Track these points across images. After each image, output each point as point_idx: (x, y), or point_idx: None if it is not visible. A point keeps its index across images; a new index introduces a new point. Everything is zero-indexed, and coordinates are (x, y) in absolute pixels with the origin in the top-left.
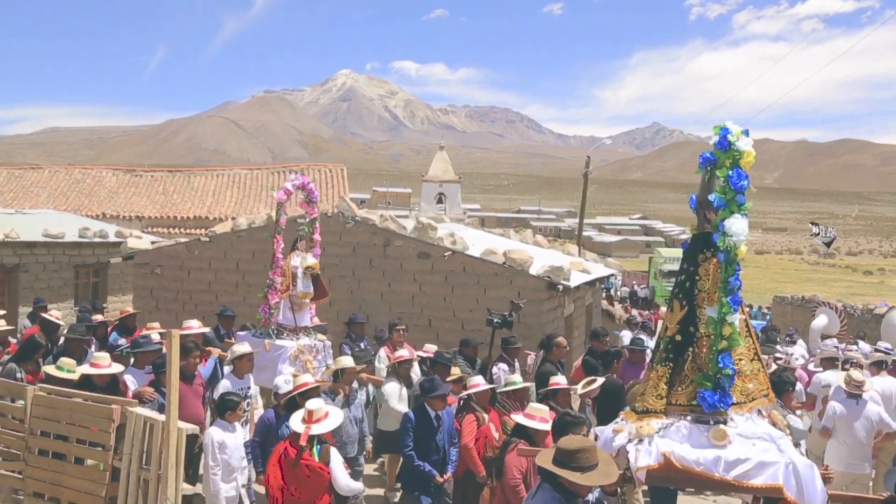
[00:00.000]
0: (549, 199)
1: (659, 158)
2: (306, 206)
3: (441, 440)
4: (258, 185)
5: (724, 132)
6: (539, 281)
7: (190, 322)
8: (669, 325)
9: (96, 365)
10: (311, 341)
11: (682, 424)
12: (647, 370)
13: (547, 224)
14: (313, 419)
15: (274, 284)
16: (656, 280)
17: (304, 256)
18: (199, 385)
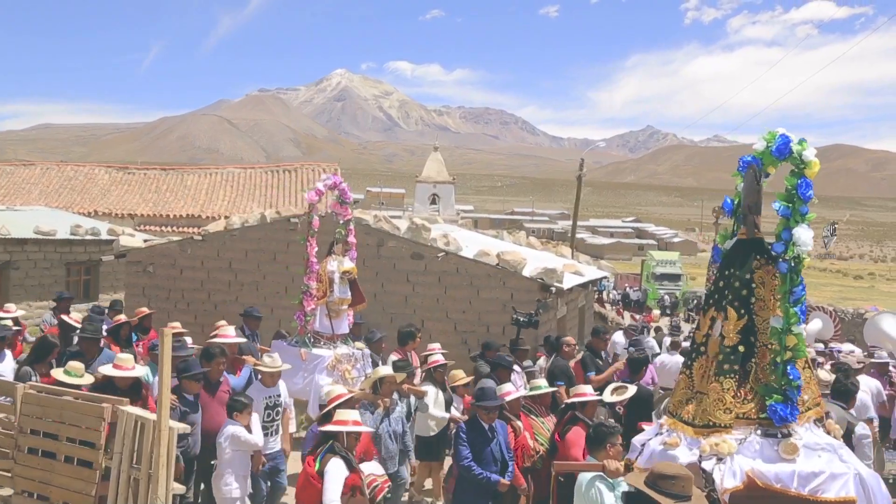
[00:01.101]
0: (542, 200)
1: (652, 161)
2: (339, 206)
3: (497, 450)
4: (251, 184)
5: (785, 140)
6: (532, 283)
7: (227, 329)
8: (727, 334)
9: (119, 367)
10: (350, 350)
11: (753, 439)
12: (690, 380)
13: (540, 226)
14: (335, 420)
15: (309, 290)
16: (648, 283)
17: (340, 260)
18: (223, 392)
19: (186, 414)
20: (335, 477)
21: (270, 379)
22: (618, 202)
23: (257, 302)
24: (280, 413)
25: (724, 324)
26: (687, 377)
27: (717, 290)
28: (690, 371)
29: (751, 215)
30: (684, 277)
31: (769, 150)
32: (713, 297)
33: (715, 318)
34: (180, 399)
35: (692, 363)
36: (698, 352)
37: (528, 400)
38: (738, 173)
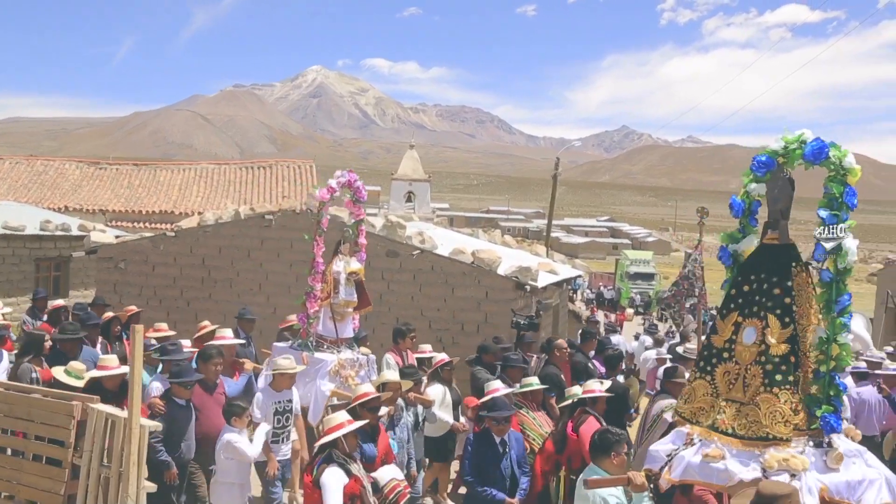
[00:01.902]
0: (517, 199)
1: (627, 161)
2: (352, 206)
3: (507, 467)
4: (225, 180)
5: (821, 144)
6: (507, 281)
7: (224, 331)
8: (773, 342)
9: (105, 367)
10: (354, 355)
11: (809, 452)
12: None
13: (515, 224)
14: (325, 431)
15: (313, 291)
16: (622, 282)
17: (347, 261)
18: (220, 394)
19: (176, 420)
20: (333, 486)
21: (285, 381)
22: (593, 201)
23: (230, 299)
24: (291, 419)
25: (767, 331)
26: (708, 383)
27: (740, 294)
28: (712, 377)
29: (783, 220)
30: (658, 277)
31: (795, 153)
32: (735, 301)
33: (740, 323)
34: (169, 403)
35: (712, 369)
36: (720, 357)
37: (520, 396)
38: (751, 172)
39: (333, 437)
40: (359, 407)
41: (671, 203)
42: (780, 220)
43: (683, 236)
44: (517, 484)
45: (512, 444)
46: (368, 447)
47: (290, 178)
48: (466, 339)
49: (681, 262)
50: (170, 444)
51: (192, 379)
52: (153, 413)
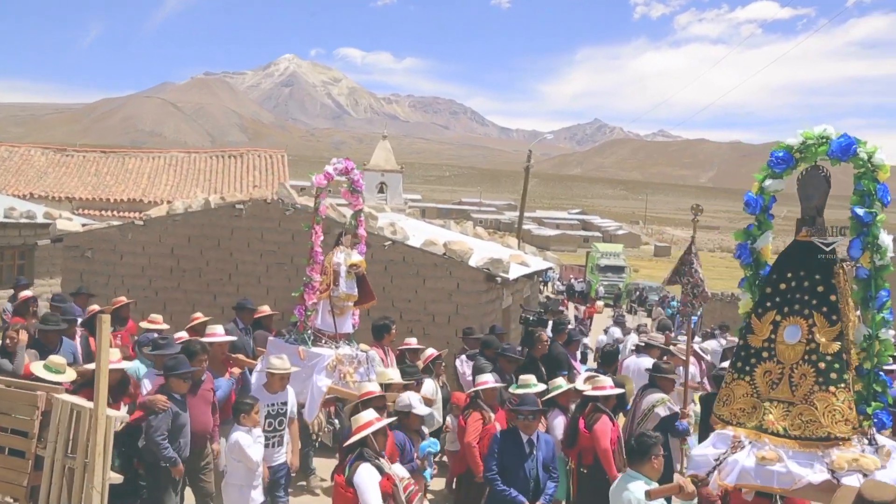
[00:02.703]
0: (490, 191)
1: (599, 154)
2: (350, 195)
3: (531, 469)
4: (196, 169)
5: (850, 140)
6: (478, 273)
7: (214, 328)
8: (822, 341)
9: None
10: (353, 351)
11: (868, 450)
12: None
13: (487, 216)
14: (354, 430)
15: (312, 283)
16: (593, 274)
17: (348, 253)
18: (207, 391)
19: (178, 415)
20: (370, 483)
21: (278, 383)
22: (564, 194)
23: (200, 289)
24: (284, 423)
25: (815, 330)
26: (747, 384)
27: (777, 292)
28: (752, 378)
29: (820, 217)
30: (628, 270)
31: (818, 149)
32: (771, 299)
33: (779, 322)
34: (170, 398)
35: (752, 369)
36: (759, 357)
37: (515, 395)
38: (768, 168)
39: (363, 435)
40: (362, 405)
41: (642, 196)
42: (816, 218)
43: (654, 229)
44: (541, 487)
45: (540, 445)
46: None
47: (262, 168)
48: (437, 331)
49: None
50: (171, 441)
51: (188, 370)
52: (156, 410)
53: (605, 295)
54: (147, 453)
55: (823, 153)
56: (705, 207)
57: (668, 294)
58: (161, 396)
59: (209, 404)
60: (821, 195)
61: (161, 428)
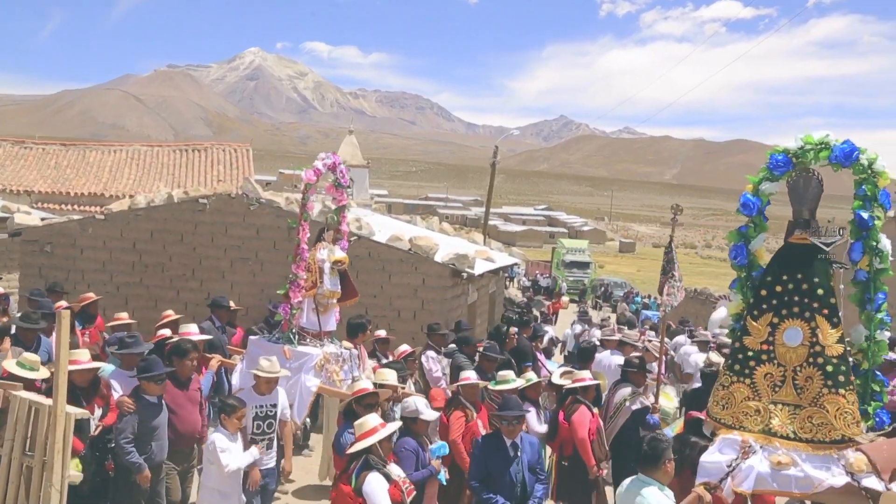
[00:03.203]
0: (456, 187)
1: (565, 151)
2: (334, 190)
3: (517, 472)
4: (159, 163)
5: (852, 147)
6: (444, 268)
7: (188, 327)
8: (827, 343)
9: (75, 361)
10: (338, 349)
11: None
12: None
13: (454, 212)
14: (358, 436)
15: (297, 280)
16: (558, 270)
17: (331, 249)
18: (195, 391)
19: (148, 420)
20: (381, 493)
21: (265, 385)
22: (530, 190)
23: (162, 284)
24: (274, 426)
25: (818, 332)
26: (747, 387)
27: (773, 295)
28: (752, 380)
29: (814, 220)
30: (593, 265)
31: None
32: (766, 301)
33: (777, 324)
34: (139, 401)
35: (751, 372)
36: (758, 359)
37: (496, 393)
38: (767, 171)
39: (369, 442)
40: (354, 403)
41: (607, 193)
42: (811, 221)
43: (619, 226)
44: (528, 490)
45: (524, 447)
46: None
47: (226, 162)
48: (403, 326)
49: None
50: (139, 445)
51: (161, 373)
52: (121, 413)
53: (570, 290)
54: (117, 455)
55: (824, 158)
56: (670, 204)
57: (632, 290)
58: (128, 400)
59: (197, 404)
60: (814, 199)
61: (125, 431)
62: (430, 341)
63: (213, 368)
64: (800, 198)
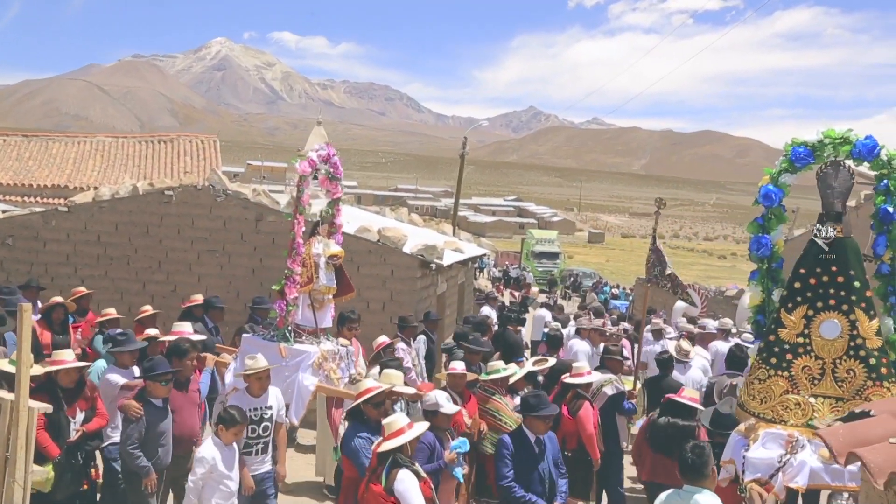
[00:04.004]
0: (426, 178)
1: (534, 142)
2: (328, 183)
3: (545, 469)
4: (124, 154)
5: (874, 143)
6: (412, 259)
7: (181, 326)
8: (868, 335)
9: (59, 361)
10: (334, 346)
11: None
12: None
13: (424, 203)
14: (386, 435)
15: (293, 276)
16: (528, 261)
17: (326, 243)
18: (194, 392)
19: (154, 424)
20: (413, 490)
21: (257, 384)
22: (500, 181)
23: (128, 277)
24: (269, 429)
25: (858, 325)
26: (786, 380)
27: (807, 287)
28: (790, 373)
29: (846, 215)
30: (562, 256)
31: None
32: (801, 294)
33: (811, 317)
34: (146, 406)
35: (788, 365)
36: (795, 352)
37: (489, 382)
38: (790, 163)
39: (399, 442)
40: (363, 403)
41: (576, 184)
42: (842, 214)
43: (588, 216)
44: (556, 489)
45: (547, 443)
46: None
47: (193, 153)
48: (372, 318)
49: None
50: (145, 451)
51: (169, 372)
52: (128, 417)
53: (538, 281)
54: (122, 460)
55: (845, 153)
56: (638, 195)
57: (601, 280)
58: (135, 404)
59: (195, 406)
60: (847, 191)
61: (132, 437)
62: (401, 334)
63: (209, 366)
64: (832, 189)
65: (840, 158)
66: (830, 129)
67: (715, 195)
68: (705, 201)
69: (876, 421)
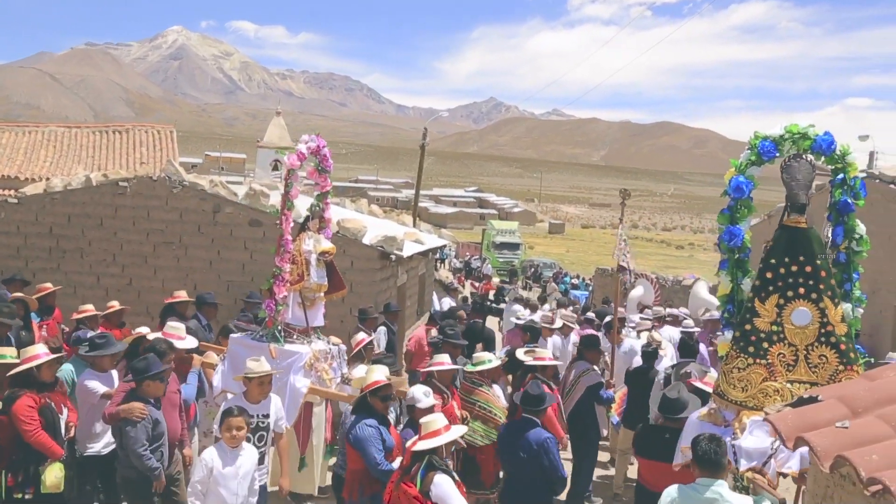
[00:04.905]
0: (387, 169)
1: (495, 133)
2: (317, 175)
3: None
4: (77, 144)
5: (832, 139)
6: (372, 250)
7: (175, 328)
8: (836, 323)
9: (34, 357)
10: (326, 346)
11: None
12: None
13: (384, 194)
14: (423, 435)
15: (282, 274)
16: (489, 252)
17: (317, 239)
18: (174, 393)
19: (157, 422)
20: (453, 493)
21: (257, 390)
22: (461, 172)
23: (81, 270)
24: (265, 439)
25: (828, 313)
26: (764, 367)
27: (777, 276)
28: (767, 360)
29: (808, 205)
30: (523, 246)
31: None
32: (773, 283)
33: (783, 305)
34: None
35: (765, 352)
36: (770, 340)
37: (476, 373)
38: (758, 156)
39: (436, 443)
40: (370, 395)
41: (536, 175)
42: (806, 205)
43: (548, 207)
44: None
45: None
46: (387, 435)
47: (149, 144)
48: (332, 310)
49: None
50: (152, 452)
51: (162, 371)
52: (132, 422)
53: (500, 272)
54: (124, 468)
55: (807, 147)
56: (598, 186)
57: (561, 270)
58: (137, 404)
59: (176, 407)
60: (810, 182)
61: (141, 438)
62: (362, 325)
63: (196, 367)
64: (796, 182)
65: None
66: (794, 124)
67: (673, 186)
68: (663, 192)
69: (823, 406)
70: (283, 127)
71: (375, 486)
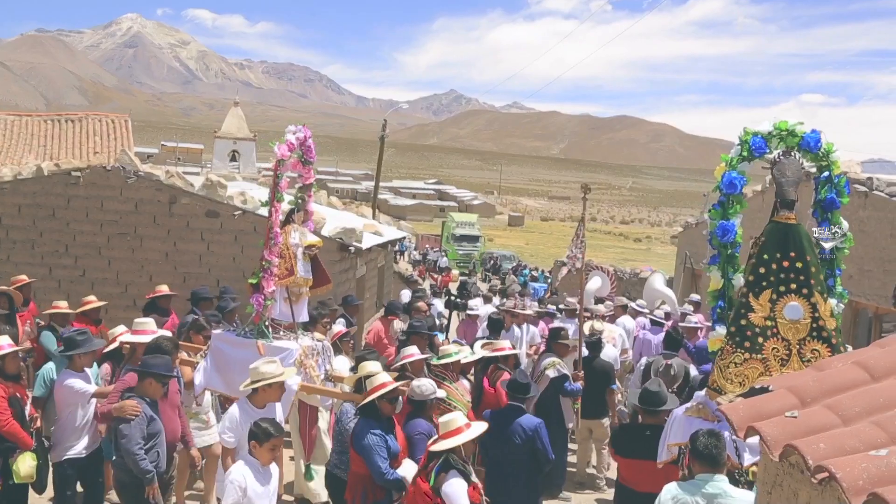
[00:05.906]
0: (346, 161)
1: (455, 125)
2: (301, 167)
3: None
4: (28, 133)
5: (818, 136)
6: (331, 242)
7: (143, 323)
8: (826, 318)
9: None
10: (312, 342)
11: None
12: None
13: (344, 186)
14: (442, 434)
15: (271, 267)
16: (448, 244)
17: (302, 232)
18: (174, 393)
19: (152, 421)
20: (461, 495)
21: (269, 394)
22: (421, 164)
23: (33, 261)
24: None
25: (820, 308)
26: (759, 362)
27: (770, 272)
28: (762, 355)
29: (797, 202)
30: (482, 239)
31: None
32: (766, 278)
33: (776, 300)
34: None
35: (761, 347)
36: (765, 335)
37: (440, 367)
38: (749, 152)
39: (455, 443)
40: (378, 398)
41: (496, 167)
42: (795, 201)
43: (508, 200)
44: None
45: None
46: (392, 442)
47: (103, 133)
48: None
49: (504, 224)
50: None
51: (170, 375)
52: (124, 419)
53: (460, 264)
54: (119, 471)
55: (795, 143)
56: (557, 179)
57: (520, 262)
58: (130, 402)
59: (176, 408)
60: (799, 179)
61: (135, 437)
62: (346, 312)
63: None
64: (786, 178)
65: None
66: (783, 121)
67: (631, 179)
68: (622, 185)
69: (774, 396)
70: (242, 117)
71: (380, 494)
